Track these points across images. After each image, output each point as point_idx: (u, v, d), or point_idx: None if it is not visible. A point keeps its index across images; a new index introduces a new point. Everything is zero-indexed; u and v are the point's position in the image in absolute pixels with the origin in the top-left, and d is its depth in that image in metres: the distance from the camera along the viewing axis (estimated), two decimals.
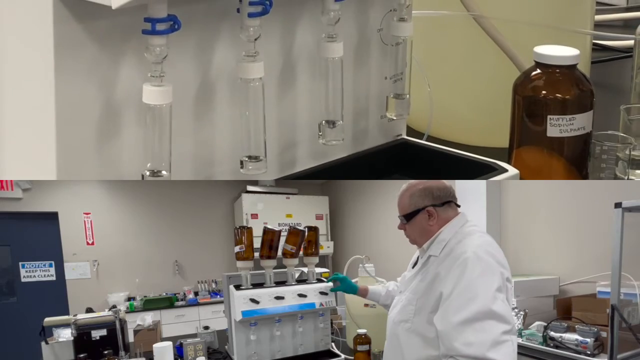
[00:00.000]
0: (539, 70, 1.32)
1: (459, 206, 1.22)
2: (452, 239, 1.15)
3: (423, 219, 1.18)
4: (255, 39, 1.06)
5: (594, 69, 1.77)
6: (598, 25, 2.28)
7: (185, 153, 1.15)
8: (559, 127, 1.31)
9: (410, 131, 1.65)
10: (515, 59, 1.52)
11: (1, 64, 1.02)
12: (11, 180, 3.85)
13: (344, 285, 1.66)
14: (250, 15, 1.03)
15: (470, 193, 2.43)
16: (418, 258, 1.25)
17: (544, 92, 1.31)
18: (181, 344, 1.88)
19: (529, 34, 1.50)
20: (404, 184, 1.24)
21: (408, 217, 1.19)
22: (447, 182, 1.23)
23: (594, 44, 1.97)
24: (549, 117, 1.30)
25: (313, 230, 1.72)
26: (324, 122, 1.27)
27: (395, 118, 1.44)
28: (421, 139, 1.60)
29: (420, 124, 1.70)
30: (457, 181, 2.40)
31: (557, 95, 1.30)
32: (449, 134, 1.73)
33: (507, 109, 1.36)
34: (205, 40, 1.09)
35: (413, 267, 1.25)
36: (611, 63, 2.16)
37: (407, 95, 1.40)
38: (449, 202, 1.20)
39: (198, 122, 1.14)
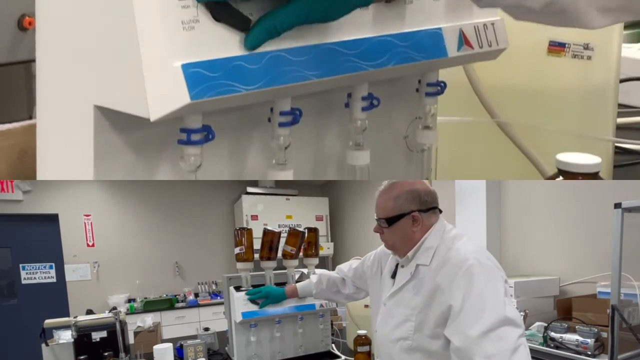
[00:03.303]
0: (561, 178, 1.33)
1: (440, 212, 1.18)
2: (440, 245, 1.11)
3: (407, 225, 1.13)
4: (286, 147, 1.07)
5: (617, 172, 1.77)
6: (622, 128, 2.28)
7: None
8: None
9: None
10: (538, 165, 1.54)
11: (43, 169, 1.04)
12: (11, 182, 3.85)
13: (270, 298, 1.61)
14: (281, 124, 1.05)
15: (470, 193, 2.43)
16: (397, 267, 1.19)
17: None
18: (181, 346, 1.88)
19: (552, 139, 1.51)
20: (384, 182, 1.18)
21: (390, 221, 1.13)
22: (431, 187, 1.18)
23: (618, 148, 1.97)
24: None
25: (313, 231, 1.72)
26: None
27: None
28: None
29: None
30: (456, 181, 2.40)
31: None
32: None
33: None
34: (238, 148, 1.10)
35: (392, 276, 1.19)
36: (636, 166, 2.14)
37: None
38: (433, 208, 1.15)
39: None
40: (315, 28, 0.99)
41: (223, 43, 0.89)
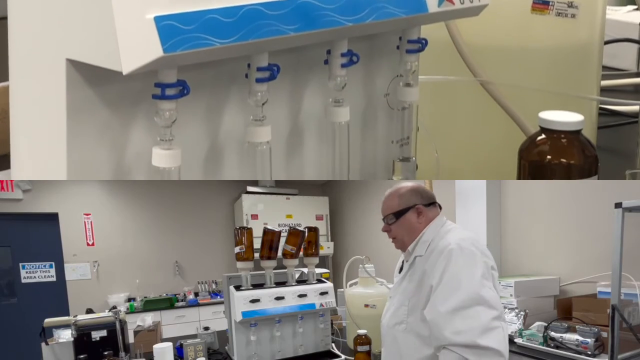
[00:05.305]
0: (543, 136, 1.32)
1: (440, 207, 1.26)
2: (435, 237, 1.18)
3: (412, 217, 1.21)
4: (263, 104, 1.07)
5: (602, 134, 1.75)
6: (609, 90, 2.26)
7: None
8: None
9: None
10: (521, 124, 1.53)
11: (15, 124, 1.03)
12: (11, 181, 3.85)
13: None
14: (258, 80, 1.04)
15: (470, 193, 2.43)
16: (403, 263, 1.26)
17: (548, 157, 1.30)
18: (181, 345, 1.88)
19: (535, 99, 1.51)
20: (388, 189, 1.27)
21: (398, 215, 1.21)
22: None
23: (603, 109, 1.95)
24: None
25: (313, 230, 1.72)
26: None
27: None
28: None
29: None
30: (456, 181, 2.40)
31: (562, 160, 1.30)
32: None
33: (513, 173, 1.36)
34: (214, 105, 1.10)
35: (400, 272, 1.26)
36: (619, 128, 2.13)
37: (413, 159, 1.40)
38: (433, 203, 1.24)
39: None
40: None
41: None
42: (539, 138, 1.33)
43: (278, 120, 1.17)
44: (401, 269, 1.26)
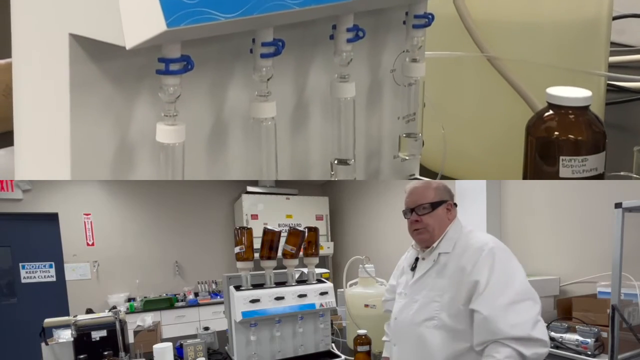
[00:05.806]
0: (551, 112, 1.32)
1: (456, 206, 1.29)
2: (460, 237, 1.20)
3: (443, 212, 1.23)
4: (268, 79, 1.06)
5: (610, 110, 1.74)
6: (617, 67, 2.25)
7: None
8: (571, 168, 1.31)
9: (424, 171, 1.64)
10: (528, 100, 1.52)
11: (18, 100, 1.03)
12: (11, 181, 3.85)
13: None
14: (263, 55, 1.04)
15: (470, 193, 2.43)
16: (417, 260, 1.26)
17: (556, 133, 1.30)
18: (181, 345, 1.88)
19: (543, 75, 1.50)
20: (414, 181, 1.28)
21: (434, 206, 1.22)
22: None
23: (611, 85, 1.94)
24: (561, 158, 1.30)
25: (313, 230, 1.71)
26: (335, 160, 1.26)
27: (407, 158, 1.44)
28: (435, 178, 1.58)
29: (434, 163, 1.70)
30: (456, 181, 2.40)
31: (570, 136, 1.30)
32: (463, 173, 1.71)
33: (520, 149, 1.36)
34: (219, 80, 1.09)
35: (412, 269, 1.26)
36: (627, 104, 2.12)
37: (420, 135, 1.40)
38: (455, 204, 1.27)
39: (210, 161, 1.13)
40: None
41: None
42: (547, 114, 1.33)
43: (283, 96, 1.16)
44: (414, 267, 1.26)
